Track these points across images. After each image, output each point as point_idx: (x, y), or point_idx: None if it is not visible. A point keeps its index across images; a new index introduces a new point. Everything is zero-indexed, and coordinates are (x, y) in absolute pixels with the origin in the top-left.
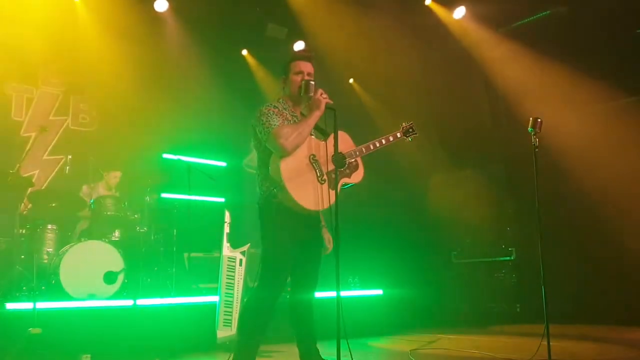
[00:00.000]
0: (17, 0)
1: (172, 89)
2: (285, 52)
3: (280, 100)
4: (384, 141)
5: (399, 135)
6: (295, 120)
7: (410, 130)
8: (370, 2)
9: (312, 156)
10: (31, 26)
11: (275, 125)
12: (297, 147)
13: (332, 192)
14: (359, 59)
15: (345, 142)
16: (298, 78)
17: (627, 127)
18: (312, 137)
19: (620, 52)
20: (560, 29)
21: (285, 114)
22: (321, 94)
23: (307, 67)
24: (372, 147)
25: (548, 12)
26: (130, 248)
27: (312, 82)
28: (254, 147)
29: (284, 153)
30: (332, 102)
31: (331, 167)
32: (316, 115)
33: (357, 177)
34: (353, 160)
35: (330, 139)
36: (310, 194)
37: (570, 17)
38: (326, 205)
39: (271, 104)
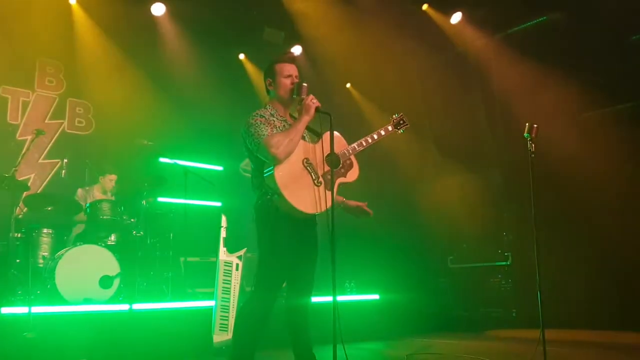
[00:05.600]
0: (14, 4)
1: (168, 93)
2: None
3: (267, 106)
4: (375, 136)
5: (390, 128)
6: (284, 126)
7: (402, 122)
8: (367, 7)
9: (305, 160)
10: (27, 29)
11: (264, 135)
12: (289, 154)
13: (330, 193)
14: (356, 63)
15: (338, 142)
16: (288, 81)
17: (622, 133)
18: (306, 140)
19: (616, 58)
20: (556, 35)
21: (273, 122)
22: (311, 99)
23: (294, 69)
24: (364, 143)
25: (545, 18)
26: (127, 252)
27: (305, 84)
28: (246, 155)
29: (277, 162)
30: (320, 106)
31: (326, 168)
32: (305, 120)
33: (353, 175)
34: (347, 159)
35: (323, 139)
36: (307, 198)
37: (566, 23)
38: (324, 208)
39: (257, 114)
